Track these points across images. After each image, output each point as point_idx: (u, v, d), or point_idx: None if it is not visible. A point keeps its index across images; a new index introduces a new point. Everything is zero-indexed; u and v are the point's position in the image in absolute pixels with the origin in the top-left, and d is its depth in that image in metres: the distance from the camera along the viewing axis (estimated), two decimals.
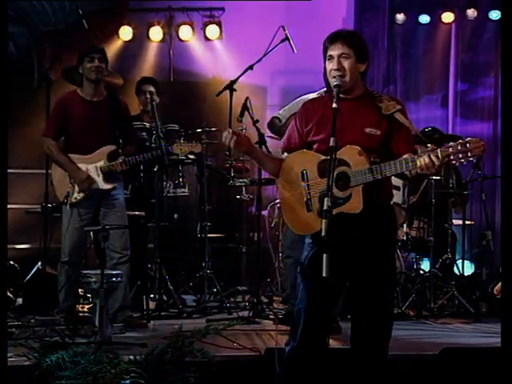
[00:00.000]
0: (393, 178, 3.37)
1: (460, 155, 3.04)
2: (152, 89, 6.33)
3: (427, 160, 3.07)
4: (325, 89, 5.33)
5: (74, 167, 5.16)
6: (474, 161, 5.87)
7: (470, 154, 3.03)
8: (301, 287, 3.36)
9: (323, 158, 3.29)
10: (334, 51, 3.32)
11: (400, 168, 3.17)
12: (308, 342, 3.29)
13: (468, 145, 3.03)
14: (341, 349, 3.34)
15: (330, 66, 3.33)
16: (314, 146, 3.41)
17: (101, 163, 5.18)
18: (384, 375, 3.32)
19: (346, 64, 3.31)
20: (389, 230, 3.37)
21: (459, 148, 3.04)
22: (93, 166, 5.17)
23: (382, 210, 3.33)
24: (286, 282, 5.34)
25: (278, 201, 3.57)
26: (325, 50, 3.37)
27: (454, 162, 3.08)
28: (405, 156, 3.21)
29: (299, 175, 3.37)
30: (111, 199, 5.23)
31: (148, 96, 6.20)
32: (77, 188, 5.16)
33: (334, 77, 3.31)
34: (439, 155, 3.06)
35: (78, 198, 5.17)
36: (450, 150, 3.05)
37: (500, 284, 5.72)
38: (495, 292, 5.75)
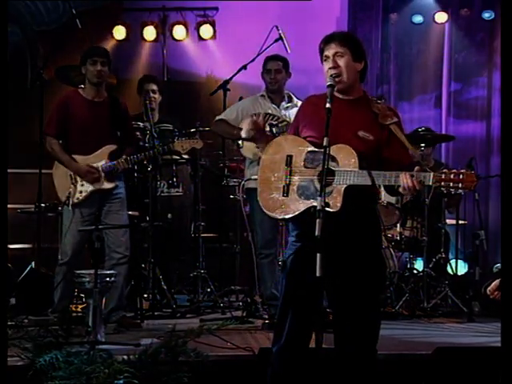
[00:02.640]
0: None
1: (451, 184, 3.08)
2: (154, 87, 6.39)
3: (410, 184, 3.10)
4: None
5: (76, 164, 5.17)
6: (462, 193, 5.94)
7: (460, 186, 3.07)
8: (284, 286, 3.35)
9: (313, 148, 3.29)
10: (329, 51, 3.34)
11: (388, 181, 3.17)
12: (295, 341, 3.29)
13: (461, 176, 3.06)
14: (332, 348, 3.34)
15: (327, 66, 3.35)
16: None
17: (102, 163, 5.18)
18: (372, 375, 3.31)
19: (341, 62, 3.32)
20: (372, 231, 3.36)
21: (452, 177, 3.07)
22: (94, 166, 5.18)
23: (365, 211, 3.32)
24: (266, 284, 5.30)
25: (254, 176, 3.47)
26: (321, 53, 3.39)
27: (443, 189, 3.12)
28: (396, 172, 3.21)
29: (284, 158, 3.33)
30: (113, 198, 5.25)
31: (151, 95, 6.30)
32: (78, 188, 5.17)
33: (331, 75, 3.31)
34: (431, 180, 3.09)
35: (80, 198, 5.17)
36: (443, 176, 3.09)
37: (493, 284, 5.71)
38: (488, 292, 5.75)
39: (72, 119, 5.21)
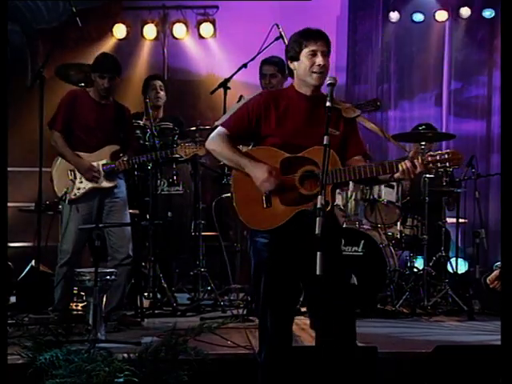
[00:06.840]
0: None
1: (439, 164, 3.18)
2: (161, 83, 6.44)
3: (409, 164, 3.17)
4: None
5: (78, 159, 5.18)
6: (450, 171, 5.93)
7: (448, 164, 3.17)
8: (261, 289, 3.34)
9: (287, 155, 3.32)
10: (318, 47, 3.32)
11: (378, 171, 3.23)
12: (279, 343, 3.31)
13: (447, 155, 3.17)
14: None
15: (316, 60, 3.32)
16: (269, 140, 3.37)
17: (103, 162, 5.19)
18: (353, 363, 3.32)
19: (327, 62, 3.36)
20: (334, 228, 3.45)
21: (438, 158, 3.18)
22: (95, 164, 5.18)
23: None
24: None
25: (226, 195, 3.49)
26: (303, 47, 3.34)
27: (432, 169, 3.25)
28: (387, 161, 3.28)
29: None
30: (114, 198, 5.24)
31: (159, 91, 6.33)
32: (77, 185, 5.17)
33: (315, 72, 3.32)
34: (420, 161, 3.17)
35: (78, 194, 5.17)
36: (430, 158, 3.19)
37: (493, 274, 5.74)
38: (488, 281, 5.76)
39: (78, 117, 5.22)
